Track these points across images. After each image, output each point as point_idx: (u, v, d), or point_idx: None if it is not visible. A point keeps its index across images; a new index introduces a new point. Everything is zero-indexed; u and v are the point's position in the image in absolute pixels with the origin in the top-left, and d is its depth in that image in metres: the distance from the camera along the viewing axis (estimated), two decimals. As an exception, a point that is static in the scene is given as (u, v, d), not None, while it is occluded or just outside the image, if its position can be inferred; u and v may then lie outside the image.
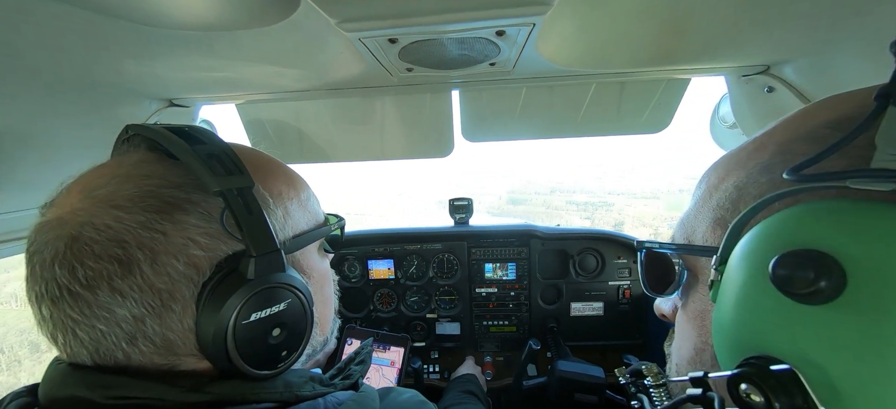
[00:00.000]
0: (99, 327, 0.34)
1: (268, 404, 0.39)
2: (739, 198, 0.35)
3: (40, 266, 0.34)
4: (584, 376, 1.26)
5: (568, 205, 28.81)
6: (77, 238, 0.34)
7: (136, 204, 0.35)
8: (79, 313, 0.34)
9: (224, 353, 0.37)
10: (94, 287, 0.34)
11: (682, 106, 1.31)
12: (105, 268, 0.34)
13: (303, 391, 0.41)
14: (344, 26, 0.67)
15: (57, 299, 0.34)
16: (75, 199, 0.36)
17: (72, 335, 0.35)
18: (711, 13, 0.71)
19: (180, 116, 1.18)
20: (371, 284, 1.72)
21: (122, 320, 0.34)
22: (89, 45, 0.70)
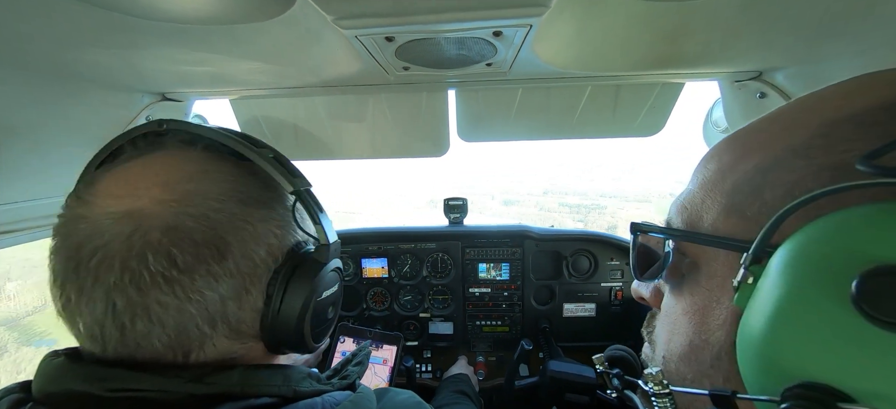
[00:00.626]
0: (189, 309, 0.37)
1: (266, 398, 0.40)
2: (764, 184, 0.30)
3: (122, 257, 0.35)
4: (575, 376, 1.27)
5: (560, 207, 28.67)
6: (176, 227, 0.36)
7: (229, 198, 0.40)
8: (173, 296, 0.36)
9: (298, 329, 0.43)
10: (193, 271, 0.36)
11: (676, 110, 1.33)
12: (204, 254, 0.37)
13: (301, 386, 0.43)
14: (340, 23, 0.67)
15: (146, 286, 0.35)
16: (157, 192, 0.38)
17: (154, 322, 0.36)
18: (706, 19, 0.72)
19: (173, 110, 1.17)
20: (364, 282, 1.71)
21: (211, 302, 0.38)
22: (80, 36, 0.69)
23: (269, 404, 0.40)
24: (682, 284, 0.37)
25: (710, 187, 0.35)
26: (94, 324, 0.36)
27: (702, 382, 0.34)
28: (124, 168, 0.41)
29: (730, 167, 0.34)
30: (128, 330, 0.36)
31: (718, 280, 0.33)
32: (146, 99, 1.09)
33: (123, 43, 0.75)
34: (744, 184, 0.32)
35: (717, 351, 0.32)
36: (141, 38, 0.72)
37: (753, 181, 0.31)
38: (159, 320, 0.36)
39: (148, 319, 0.36)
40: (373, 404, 0.48)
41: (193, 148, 0.44)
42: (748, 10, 0.68)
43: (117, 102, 1.02)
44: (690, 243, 0.36)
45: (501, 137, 1.47)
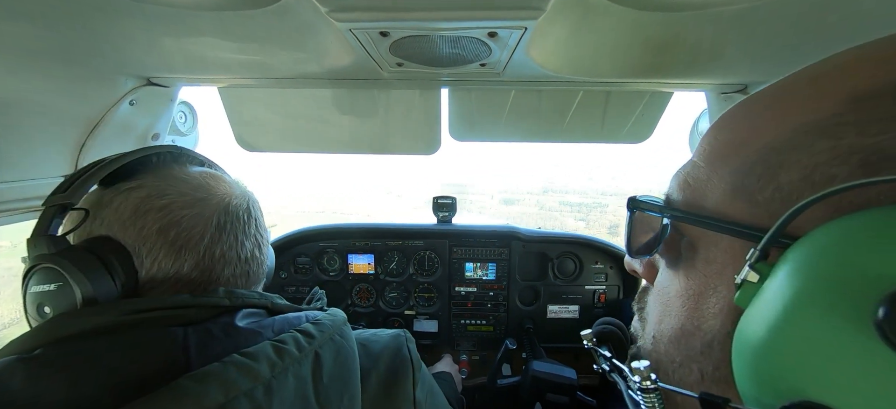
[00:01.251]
0: (254, 251, 0.57)
1: (258, 307, 0.52)
2: (779, 165, 0.26)
3: (244, 218, 0.56)
4: (556, 376, 1.29)
5: (562, 206, 28.63)
6: (246, 208, 0.57)
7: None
8: (246, 237, 0.56)
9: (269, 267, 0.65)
10: (252, 230, 0.58)
11: (664, 118, 1.35)
12: (255, 221, 0.58)
13: (276, 301, 0.54)
14: (335, 16, 0.66)
15: (247, 233, 0.56)
16: (236, 186, 0.58)
17: (240, 247, 0.55)
18: (694, 32, 0.73)
19: (158, 95, 1.14)
20: (350, 278, 1.70)
21: (247, 250, 0.56)
22: (64, 15, 0.67)
23: (256, 311, 0.51)
24: (678, 264, 0.34)
25: (717, 162, 0.31)
26: (225, 248, 0.54)
27: (690, 367, 0.32)
28: (214, 174, 0.58)
29: (739, 142, 0.29)
30: (239, 253, 0.55)
31: (717, 267, 0.30)
32: (130, 83, 1.06)
33: (108, 25, 0.72)
34: (756, 162, 0.27)
35: (709, 339, 0.30)
36: (127, 20, 0.70)
37: (767, 160, 0.27)
38: (242, 244, 0.56)
39: (240, 246, 0.56)
40: (343, 315, 0.59)
41: (193, 163, 0.59)
42: (735, 25, 0.69)
43: (100, 85, 0.99)
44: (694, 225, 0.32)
45: (492, 138, 1.48)
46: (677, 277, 0.34)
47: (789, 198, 0.25)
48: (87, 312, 0.42)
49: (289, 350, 0.46)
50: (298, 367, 0.46)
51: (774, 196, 0.26)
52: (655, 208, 0.36)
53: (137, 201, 0.48)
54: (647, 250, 0.38)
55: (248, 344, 0.45)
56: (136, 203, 0.48)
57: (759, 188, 0.27)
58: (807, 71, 0.28)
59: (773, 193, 0.26)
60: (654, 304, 0.38)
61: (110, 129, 1.05)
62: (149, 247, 0.47)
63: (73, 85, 0.93)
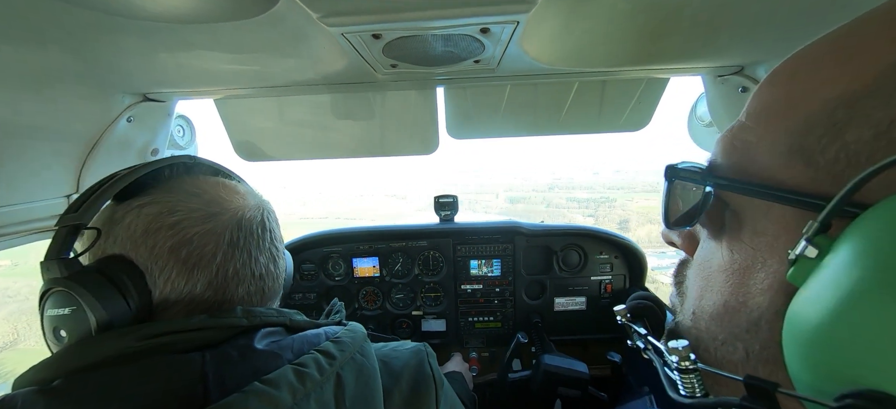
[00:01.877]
0: (269, 266, 0.56)
1: (277, 326, 0.51)
2: (847, 121, 0.22)
3: (258, 232, 0.55)
4: (568, 370, 1.29)
5: (569, 202, 28.02)
6: (259, 221, 0.56)
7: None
8: (261, 253, 0.55)
9: (285, 280, 0.64)
10: (267, 243, 0.56)
11: (662, 104, 1.35)
12: (269, 234, 0.57)
13: (295, 318, 0.53)
14: (327, 21, 0.66)
15: (261, 247, 0.55)
16: (250, 196, 0.57)
17: (254, 264, 0.54)
18: (689, 15, 0.73)
19: (156, 110, 1.14)
20: (356, 282, 1.70)
21: (262, 265, 0.55)
22: (60, 35, 0.67)
23: (274, 330, 0.50)
24: (722, 235, 0.31)
25: (770, 120, 0.27)
26: (240, 266, 0.53)
27: (734, 345, 0.29)
28: (222, 184, 0.56)
29: (802, 94, 0.25)
30: (252, 271, 0.55)
31: (767, 239, 0.27)
32: (127, 99, 1.06)
33: (103, 43, 0.73)
34: (818, 118, 0.24)
35: (756, 317, 0.27)
36: (121, 37, 0.71)
37: (832, 115, 0.23)
38: (256, 260, 0.55)
39: (255, 269, 0.55)
40: (363, 331, 0.58)
41: (209, 173, 0.59)
42: (728, 6, 0.69)
43: (97, 104, 0.99)
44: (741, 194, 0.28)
45: (490, 134, 1.48)
46: (720, 249, 0.31)
47: (857, 160, 0.21)
48: (103, 339, 0.41)
49: (310, 374, 0.45)
50: (320, 391, 0.45)
51: (839, 157, 0.22)
52: (696, 176, 0.32)
53: (149, 219, 0.47)
54: (686, 220, 0.34)
55: (267, 368, 0.44)
56: (147, 220, 0.47)
57: (820, 149, 0.23)
58: (871, 12, 0.23)
59: (837, 153, 0.22)
60: (694, 278, 0.35)
61: (110, 146, 1.06)
62: (161, 266, 0.46)
63: (70, 105, 0.93)
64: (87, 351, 0.40)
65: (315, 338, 0.51)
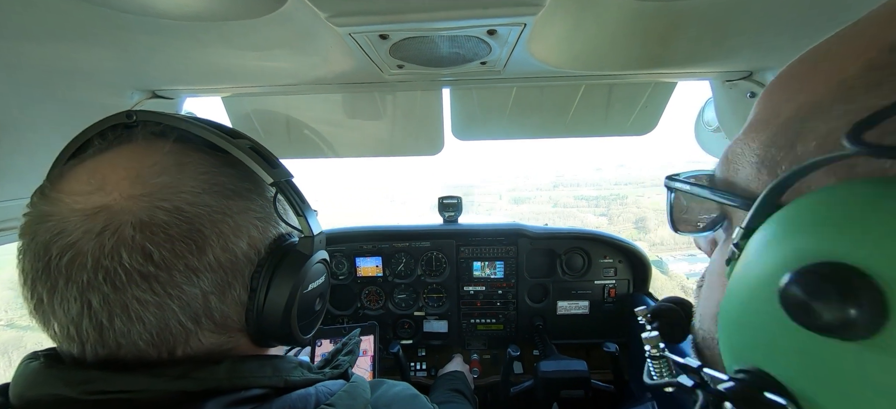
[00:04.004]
0: (170, 305, 0.36)
1: (256, 390, 0.38)
2: (797, 134, 0.24)
3: (94, 255, 0.34)
4: (567, 372, 1.28)
5: (577, 201, 26.91)
6: (148, 222, 0.35)
7: (205, 191, 0.38)
8: (151, 293, 0.35)
9: (285, 321, 0.42)
10: (171, 267, 0.35)
11: (669, 108, 1.34)
12: (181, 248, 0.36)
13: (292, 376, 0.42)
14: (334, 21, 0.66)
15: (122, 284, 0.34)
16: (126, 186, 0.36)
17: (133, 320, 0.35)
18: (696, 20, 0.72)
19: (164, 108, 1.15)
20: (358, 281, 1.71)
21: (192, 297, 0.36)
22: (68, 32, 0.68)
23: (260, 395, 0.38)
24: (722, 239, 0.34)
25: (752, 133, 0.29)
26: (68, 324, 0.35)
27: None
28: (92, 162, 0.38)
29: (775, 110, 0.27)
30: (106, 329, 0.35)
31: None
32: (136, 96, 1.07)
33: (112, 39, 0.73)
34: (782, 133, 0.26)
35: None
36: (130, 34, 0.71)
37: (791, 129, 0.25)
38: (139, 317, 0.35)
39: (127, 316, 0.35)
40: (367, 393, 0.47)
41: (165, 139, 0.41)
42: (738, 11, 0.69)
43: (106, 100, 1.00)
44: (723, 201, 0.31)
45: (496, 136, 1.48)
46: (718, 253, 0.34)
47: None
48: (51, 375, 0.35)
49: None
50: None
51: (791, 168, 0.23)
52: (686, 187, 0.34)
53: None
54: (689, 226, 0.37)
55: None
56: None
57: (780, 160, 0.25)
58: (844, 28, 0.25)
59: (790, 164, 0.24)
60: (705, 282, 0.38)
61: (118, 143, 1.07)
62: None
63: (80, 102, 0.94)
64: (41, 384, 0.35)
65: (301, 403, 0.40)
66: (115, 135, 0.41)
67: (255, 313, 0.41)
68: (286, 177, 0.44)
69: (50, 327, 0.36)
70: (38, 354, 0.38)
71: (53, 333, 0.36)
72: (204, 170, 0.40)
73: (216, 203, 0.38)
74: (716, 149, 1.31)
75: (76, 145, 0.42)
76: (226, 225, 0.39)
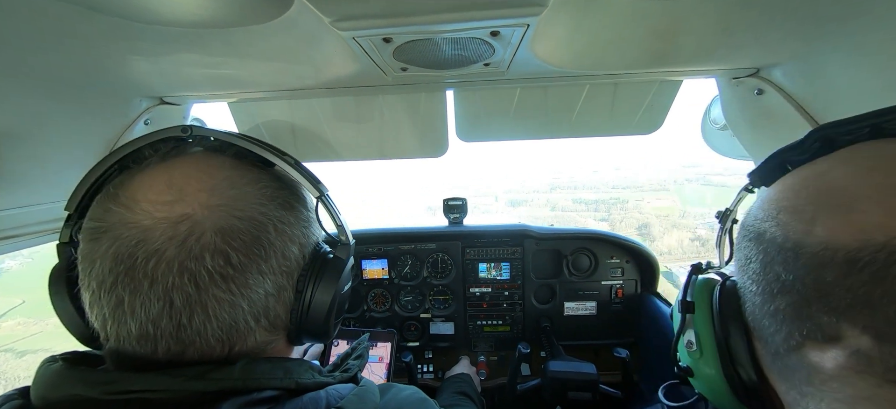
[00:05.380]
0: (241, 304, 0.40)
1: (269, 391, 0.40)
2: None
3: (180, 259, 0.37)
4: (575, 373, 1.27)
5: (576, 204, 26.38)
6: (227, 229, 0.39)
7: (270, 202, 0.43)
8: (228, 293, 0.39)
9: (326, 320, 0.47)
10: (245, 269, 0.40)
11: (674, 106, 1.33)
12: (254, 252, 0.40)
13: (303, 378, 0.43)
14: (338, 25, 0.67)
15: (204, 284, 0.38)
16: (204, 198, 0.40)
17: (211, 316, 0.38)
18: (702, 16, 0.72)
19: (171, 114, 1.17)
20: (365, 284, 1.71)
21: (258, 298, 0.41)
22: (79, 41, 0.69)
23: (273, 396, 0.40)
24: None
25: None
26: (148, 323, 0.37)
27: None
28: (161, 172, 0.41)
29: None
30: (184, 326, 0.38)
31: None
32: (145, 103, 1.09)
33: (121, 48, 0.75)
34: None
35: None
36: (138, 43, 0.72)
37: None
38: (216, 314, 0.38)
39: (206, 314, 0.38)
40: (376, 397, 0.48)
41: (223, 155, 0.46)
42: (743, 7, 0.68)
43: (115, 107, 1.02)
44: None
45: (500, 137, 1.47)
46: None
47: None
48: (73, 376, 0.37)
49: None
50: None
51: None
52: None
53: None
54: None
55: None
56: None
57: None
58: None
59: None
60: None
61: (128, 149, 1.09)
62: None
63: (88, 108, 0.96)
64: (59, 383, 0.37)
65: (312, 405, 0.41)
66: (170, 147, 0.45)
67: (300, 312, 0.45)
68: (326, 190, 0.50)
69: (125, 327, 0.38)
70: (56, 357, 0.40)
71: (128, 332, 0.38)
72: (264, 184, 0.45)
73: (278, 213, 0.44)
74: (723, 147, 1.30)
75: (126, 152, 0.45)
76: (284, 233, 0.44)
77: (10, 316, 10.77)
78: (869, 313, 0.28)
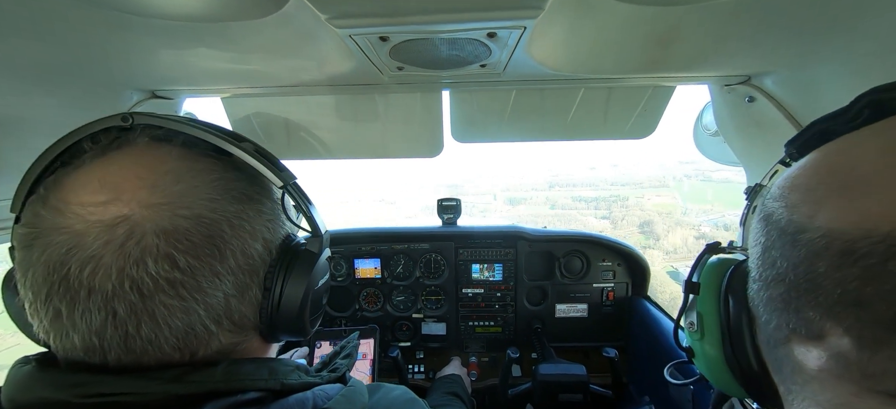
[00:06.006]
0: (196, 309, 0.36)
1: (253, 393, 0.38)
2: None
3: (118, 267, 0.33)
4: (565, 376, 1.28)
5: (576, 202, 25.46)
6: (171, 230, 0.35)
7: (221, 196, 0.39)
8: (178, 299, 0.35)
9: (299, 317, 0.44)
10: (196, 272, 0.36)
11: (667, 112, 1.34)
12: (205, 253, 0.36)
13: (289, 379, 0.41)
14: (335, 22, 0.66)
15: (149, 291, 0.34)
16: (144, 195, 0.35)
17: (161, 325, 0.35)
18: (695, 24, 0.73)
19: (163, 108, 1.15)
20: (357, 283, 1.70)
21: (216, 301, 0.37)
22: (68, 31, 0.68)
23: (257, 398, 0.38)
24: None
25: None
26: (92, 335, 0.34)
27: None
28: (96, 168, 0.37)
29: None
30: (132, 336, 0.35)
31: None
32: (135, 96, 1.07)
33: (112, 39, 0.73)
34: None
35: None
36: (130, 34, 0.71)
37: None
38: (166, 322, 0.35)
39: (155, 323, 0.35)
40: (365, 397, 0.47)
41: (170, 144, 0.40)
42: (736, 16, 0.69)
43: (105, 100, 1.00)
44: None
45: (495, 138, 1.48)
46: None
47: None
48: (43, 378, 0.35)
49: None
50: None
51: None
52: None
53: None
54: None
55: None
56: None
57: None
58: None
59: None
60: None
61: (117, 143, 1.07)
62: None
63: (78, 101, 0.94)
64: (31, 387, 0.35)
65: (298, 407, 0.40)
66: (111, 138, 0.40)
67: (270, 310, 0.42)
68: (292, 179, 0.45)
69: (69, 341, 0.35)
70: (29, 358, 0.38)
71: (72, 345, 0.35)
72: (216, 176, 0.40)
73: (233, 208, 0.39)
74: (714, 153, 1.32)
75: (63, 147, 0.40)
76: (243, 229, 0.40)
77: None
78: (855, 313, 0.26)
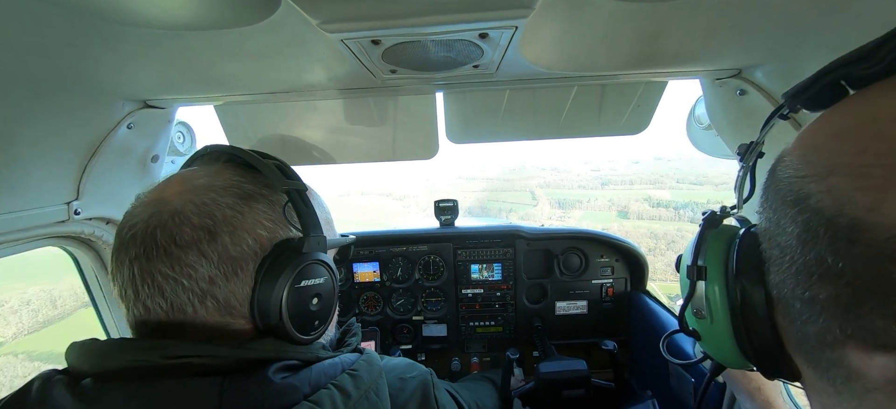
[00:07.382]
0: (182, 281, 0.44)
1: (294, 361, 0.47)
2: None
3: (142, 233, 0.44)
4: (566, 372, 1.28)
5: (656, 208, 21.53)
6: (180, 211, 0.45)
7: (226, 191, 0.48)
8: (170, 269, 0.43)
9: (276, 313, 0.47)
10: (187, 248, 0.44)
11: (660, 107, 1.35)
12: (198, 234, 0.44)
13: (320, 354, 0.51)
14: (326, 27, 0.66)
15: (152, 256, 0.43)
16: (177, 187, 0.47)
17: (156, 289, 0.44)
18: (685, 19, 0.73)
19: (155, 117, 1.15)
20: (356, 287, 1.70)
21: (200, 278, 0.44)
22: (60, 43, 0.68)
23: (296, 365, 0.47)
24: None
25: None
26: (124, 286, 0.45)
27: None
28: (177, 174, 0.51)
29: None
30: (140, 293, 0.44)
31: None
32: (127, 106, 1.07)
33: (103, 50, 0.73)
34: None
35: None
36: (121, 44, 0.71)
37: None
38: (160, 288, 0.44)
39: (152, 286, 0.44)
40: (379, 361, 0.56)
41: (218, 161, 0.54)
42: (725, 10, 0.69)
43: (97, 110, 1.00)
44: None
45: (490, 139, 1.48)
46: None
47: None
48: (128, 346, 0.43)
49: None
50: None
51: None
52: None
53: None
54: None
55: (282, 400, 0.43)
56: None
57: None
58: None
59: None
60: None
61: (110, 153, 1.06)
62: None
63: (70, 111, 0.93)
64: (117, 354, 0.42)
65: (332, 369, 0.49)
66: (193, 159, 0.57)
67: (255, 301, 0.47)
68: (298, 188, 0.52)
69: (116, 286, 0.46)
70: (95, 340, 0.45)
71: (117, 292, 0.46)
72: (234, 179, 0.50)
73: (233, 202, 0.47)
74: (707, 146, 1.33)
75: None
76: (237, 221, 0.47)
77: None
78: None
